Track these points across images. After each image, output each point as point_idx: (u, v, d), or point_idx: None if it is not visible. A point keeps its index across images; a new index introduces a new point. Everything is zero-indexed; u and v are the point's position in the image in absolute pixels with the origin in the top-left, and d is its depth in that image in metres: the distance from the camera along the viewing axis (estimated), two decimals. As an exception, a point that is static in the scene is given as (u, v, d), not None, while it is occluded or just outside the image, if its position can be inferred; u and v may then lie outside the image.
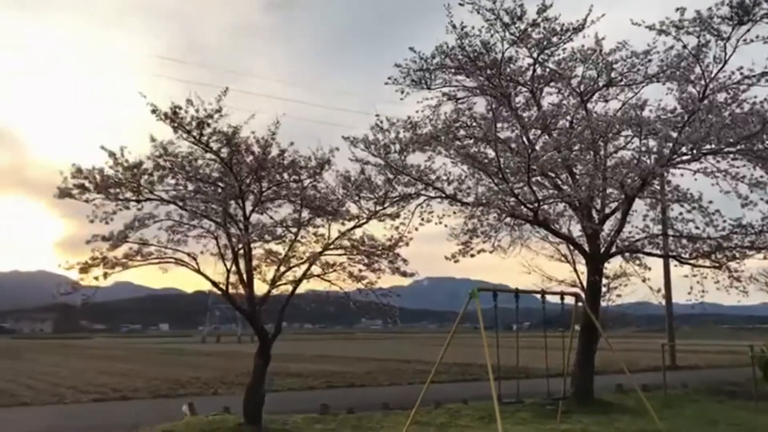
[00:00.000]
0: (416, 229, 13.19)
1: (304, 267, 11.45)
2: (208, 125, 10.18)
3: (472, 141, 13.75)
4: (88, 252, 10.09)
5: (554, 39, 13.48)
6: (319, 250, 11.50)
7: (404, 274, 11.65)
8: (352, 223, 11.77)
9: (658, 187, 14.93)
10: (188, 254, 10.86)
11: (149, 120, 10.26)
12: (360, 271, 11.60)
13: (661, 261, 23.36)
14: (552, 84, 14.67)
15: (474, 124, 13.40)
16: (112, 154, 10.04)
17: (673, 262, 15.76)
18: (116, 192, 10.36)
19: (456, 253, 13.17)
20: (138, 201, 10.61)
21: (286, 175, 11.11)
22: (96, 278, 10.04)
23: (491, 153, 13.25)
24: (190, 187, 10.85)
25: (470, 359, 29.37)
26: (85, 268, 9.97)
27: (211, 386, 22.20)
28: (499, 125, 13.12)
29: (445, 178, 13.86)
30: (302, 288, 11.99)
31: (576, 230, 15.64)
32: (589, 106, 14.60)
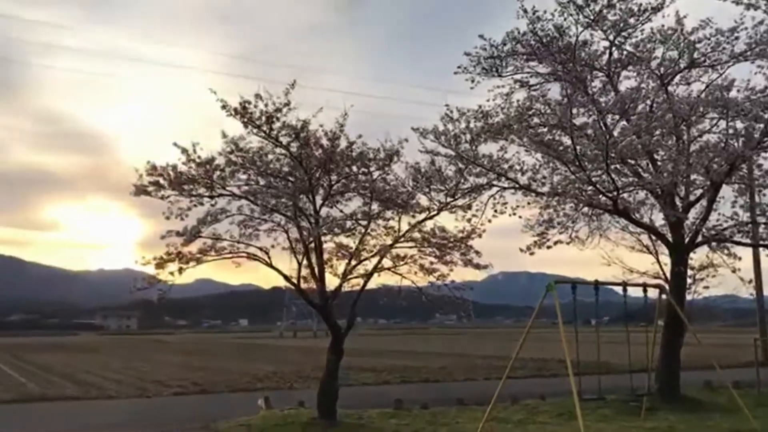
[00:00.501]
0: (489, 221, 12.87)
1: (375, 260, 11.35)
2: (277, 119, 10.20)
3: (546, 129, 13.29)
4: (164, 249, 10.29)
5: (631, 20, 12.86)
6: (390, 242, 11.37)
7: (477, 267, 11.36)
8: (422, 216, 11.57)
9: (747, 172, 14.07)
10: (260, 248, 10.94)
11: (223, 118, 10.37)
12: (431, 263, 11.39)
13: (750, 250, 22.13)
14: (630, 67, 14.03)
15: (548, 110, 12.94)
16: (184, 151, 10.20)
17: (764, 252, 14.83)
18: (190, 188, 10.51)
19: (531, 245, 12.78)
20: (211, 197, 10.74)
21: (354, 168, 11.02)
22: (171, 273, 10.22)
23: (567, 140, 12.78)
24: (261, 181, 10.92)
25: (547, 354, 28.72)
26: (160, 264, 10.15)
27: (287, 380, 22.47)
28: (574, 111, 12.62)
29: (518, 167, 13.47)
30: (374, 283, 11.89)
31: (658, 219, 14.93)
32: (670, 88, 13.84)
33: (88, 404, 17.10)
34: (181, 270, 10.22)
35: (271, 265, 10.96)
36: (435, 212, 11.73)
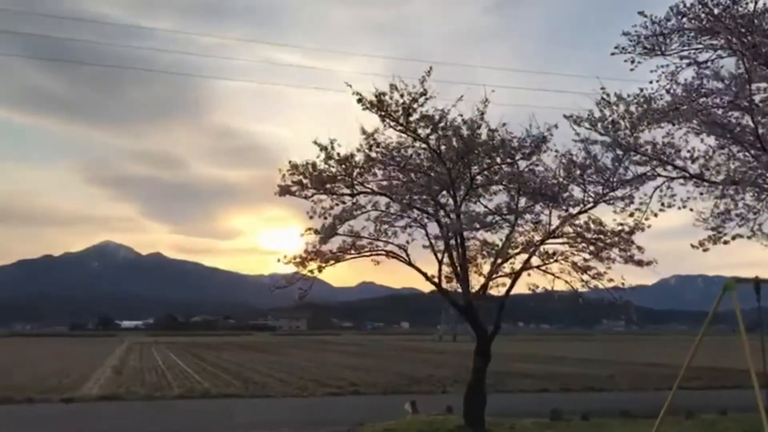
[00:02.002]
0: (655, 215, 11.57)
1: (522, 258, 10.50)
2: (414, 110, 9.70)
3: (720, 111, 11.75)
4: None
5: (824, -22, 11.03)
6: (539, 238, 10.46)
7: (639, 264, 10.18)
8: (576, 209, 10.55)
9: None
10: (399, 246, 10.53)
11: (363, 116, 10.08)
12: (585, 260, 10.33)
13: None
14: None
15: (722, 87, 11.42)
16: (323, 148, 10.00)
17: None
18: (331, 186, 10.34)
19: (705, 240, 11.27)
20: (352, 195, 10.50)
21: (498, 158, 10.25)
22: (311, 272, 10.10)
23: (745, 120, 11.21)
24: (401, 177, 10.48)
25: (727, 364, 26.09)
26: (300, 262, 10.06)
27: (442, 384, 22.08)
28: (753, 87, 11.03)
29: (688, 154, 12.01)
30: (525, 284, 10.97)
31: None
32: None
33: (246, 402, 17.71)
34: (320, 268, 10.09)
35: (410, 263, 10.53)
36: (591, 205, 10.65)
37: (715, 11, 11.41)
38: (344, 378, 24.72)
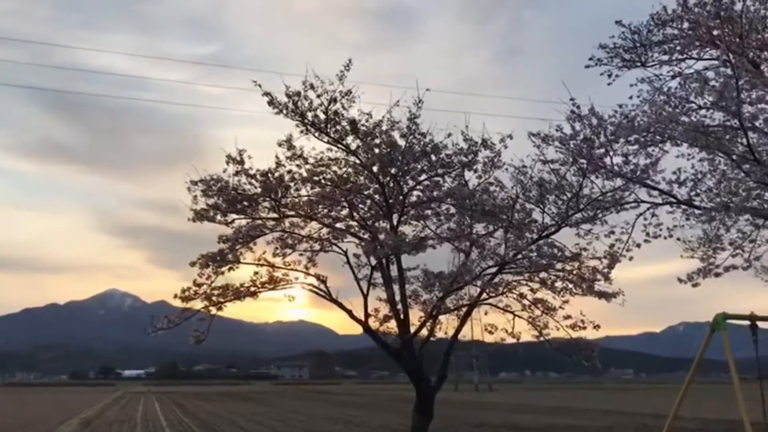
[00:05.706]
0: (638, 245, 10.03)
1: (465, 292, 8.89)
2: (336, 115, 8.18)
3: (707, 122, 10.28)
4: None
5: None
6: (488, 267, 8.84)
7: (602, 296, 8.56)
8: (535, 235, 8.96)
9: None
10: (317, 277, 8.91)
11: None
12: (533, 291, 8.70)
13: None
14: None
15: (706, 93, 9.94)
16: (232, 160, 8.42)
17: None
18: (249, 206, 8.77)
19: (693, 274, 9.68)
20: (278, 219, 8.96)
21: (435, 170, 8.69)
22: (206, 308, 8.46)
23: (734, 131, 9.71)
24: (331, 197, 8.93)
25: (736, 415, 24.01)
26: (187, 297, 8.44)
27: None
28: (743, 95, 9.56)
29: (674, 176, 10.51)
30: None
31: None
32: None
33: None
34: (219, 306, 8.46)
35: (331, 299, 8.91)
36: (554, 229, 9.07)
37: (700, 19, 10.16)
38: (323, 431, 22.92)
